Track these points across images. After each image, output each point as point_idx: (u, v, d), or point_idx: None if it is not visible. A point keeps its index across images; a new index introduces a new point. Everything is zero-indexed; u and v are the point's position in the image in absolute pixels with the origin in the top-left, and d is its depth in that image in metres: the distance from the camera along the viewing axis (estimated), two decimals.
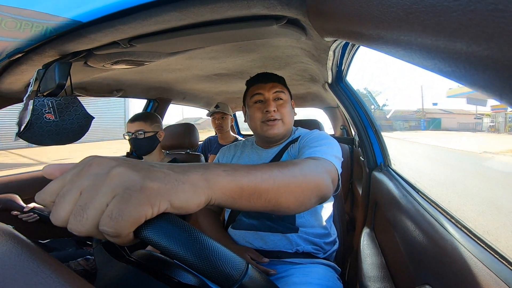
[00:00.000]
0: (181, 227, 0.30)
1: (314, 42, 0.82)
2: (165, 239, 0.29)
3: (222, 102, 2.29)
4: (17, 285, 0.22)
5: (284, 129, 0.97)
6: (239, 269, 0.31)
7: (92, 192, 0.28)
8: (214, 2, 0.51)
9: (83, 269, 1.14)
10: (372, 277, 0.77)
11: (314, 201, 0.56)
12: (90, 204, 0.28)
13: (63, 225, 0.29)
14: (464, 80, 0.19)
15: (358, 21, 0.32)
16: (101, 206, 0.28)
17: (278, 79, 1.01)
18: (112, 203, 0.27)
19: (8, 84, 0.88)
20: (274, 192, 0.44)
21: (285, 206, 0.47)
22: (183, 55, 0.95)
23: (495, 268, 0.42)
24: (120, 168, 0.30)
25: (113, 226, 0.27)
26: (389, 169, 1.14)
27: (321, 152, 0.77)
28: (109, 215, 0.27)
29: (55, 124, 0.75)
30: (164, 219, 0.30)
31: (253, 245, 0.93)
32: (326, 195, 0.60)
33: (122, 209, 0.27)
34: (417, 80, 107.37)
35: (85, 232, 0.28)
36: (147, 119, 1.43)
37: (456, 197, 3.77)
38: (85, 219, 0.27)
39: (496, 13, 0.15)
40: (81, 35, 0.60)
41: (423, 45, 0.22)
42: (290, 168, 0.52)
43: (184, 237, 0.30)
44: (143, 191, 0.28)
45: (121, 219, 0.27)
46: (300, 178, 0.52)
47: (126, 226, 0.27)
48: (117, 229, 0.27)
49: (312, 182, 0.55)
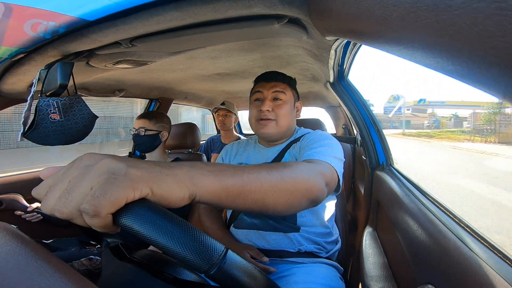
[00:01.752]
0: (157, 212, 0.31)
1: (315, 41, 0.81)
2: (141, 225, 0.29)
3: (229, 101, 2.29)
4: (21, 284, 0.22)
5: (277, 130, 0.96)
6: (217, 252, 0.31)
7: (79, 178, 0.30)
8: (215, 2, 0.51)
9: (86, 269, 1.15)
10: (375, 277, 0.77)
11: (304, 204, 0.56)
12: (75, 188, 0.30)
13: (50, 211, 0.30)
14: (467, 78, 0.19)
15: (360, 20, 0.31)
16: (85, 189, 0.29)
17: (283, 79, 1.00)
18: (97, 185, 0.29)
19: (10, 84, 0.88)
20: (260, 193, 0.45)
21: (273, 207, 0.48)
22: (184, 54, 0.95)
23: (498, 268, 0.41)
24: (107, 159, 0.32)
25: (94, 204, 0.28)
26: (391, 168, 1.13)
27: (320, 154, 0.77)
28: (92, 194, 0.28)
29: (61, 124, 0.75)
30: (140, 204, 0.30)
31: (256, 244, 0.93)
32: (318, 198, 0.60)
33: (105, 190, 0.28)
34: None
35: (67, 213, 0.29)
36: (152, 118, 1.44)
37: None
38: (69, 201, 0.29)
39: (499, 11, 0.15)
40: (83, 35, 0.60)
41: (425, 44, 0.22)
42: (280, 170, 0.52)
43: (160, 222, 0.30)
44: (127, 176, 0.30)
45: (102, 198, 0.28)
46: (289, 180, 0.52)
47: (106, 205, 0.28)
48: (97, 207, 0.28)
49: (302, 185, 0.55)
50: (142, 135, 1.41)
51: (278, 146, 1.01)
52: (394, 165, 1.17)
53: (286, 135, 1.02)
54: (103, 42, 0.66)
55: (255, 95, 0.99)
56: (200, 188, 0.36)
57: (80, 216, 0.29)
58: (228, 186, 0.39)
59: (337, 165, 0.76)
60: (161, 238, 0.29)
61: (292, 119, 1.01)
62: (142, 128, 1.41)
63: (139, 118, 1.46)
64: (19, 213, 1.29)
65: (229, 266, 0.31)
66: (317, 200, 0.60)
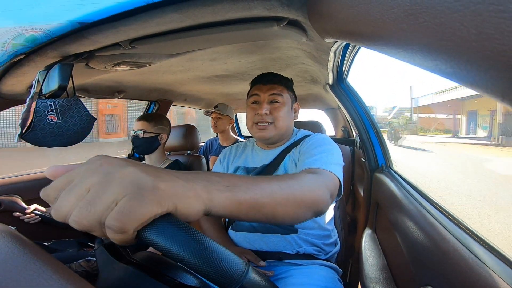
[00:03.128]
0: (182, 228, 0.30)
1: (314, 43, 0.82)
2: (166, 240, 0.29)
3: (223, 103, 2.29)
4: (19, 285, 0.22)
5: (275, 133, 0.96)
6: (240, 270, 0.31)
7: (102, 188, 0.28)
8: (215, 4, 0.51)
9: (84, 270, 1.14)
10: (374, 278, 0.77)
11: (309, 216, 0.57)
12: (98, 199, 0.28)
13: (63, 219, 0.28)
14: (466, 81, 0.19)
15: (359, 22, 0.32)
16: (109, 202, 0.28)
17: (280, 81, 0.99)
18: (123, 200, 0.28)
19: (10, 85, 0.88)
20: (271, 207, 0.45)
21: (281, 219, 0.48)
22: (184, 56, 0.95)
23: (497, 269, 0.41)
24: (131, 168, 0.30)
25: (121, 220, 0.27)
26: (390, 170, 1.13)
27: (321, 162, 0.76)
28: (118, 211, 0.27)
29: (58, 125, 0.75)
30: (165, 220, 0.30)
31: (254, 246, 0.93)
32: (322, 210, 0.60)
33: (133, 206, 0.27)
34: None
35: (88, 226, 0.28)
36: (151, 120, 1.44)
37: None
38: (91, 213, 0.27)
39: (497, 13, 0.15)
40: (83, 37, 0.60)
41: (424, 46, 0.22)
42: (289, 184, 0.53)
43: (185, 238, 0.30)
44: (154, 191, 0.29)
45: (130, 215, 0.27)
46: (298, 195, 0.52)
47: (134, 223, 0.27)
48: (125, 224, 0.27)
49: (309, 198, 0.56)
50: (141, 137, 1.41)
51: (276, 148, 1.01)
52: (393, 167, 1.17)
53: (285, 137, 1.01)
54: (102, 43, 0.66)
55: (252, 98, 0.99)
56: (216, 203, 0.36)
57: (101, 229, 0.28)
58: (242, 202, 0.40)
59: (339, 173, 0.76)
60: (185, 254, 0.29)
61: (290, 121, 1.01)
62: (141, 130, 1.41)
63: (138, 120, 1.45)
64: (17, 214, 1.29)
65: (250, 283, 0.32)
66: (322, 212, 0.60)
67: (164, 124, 1.49)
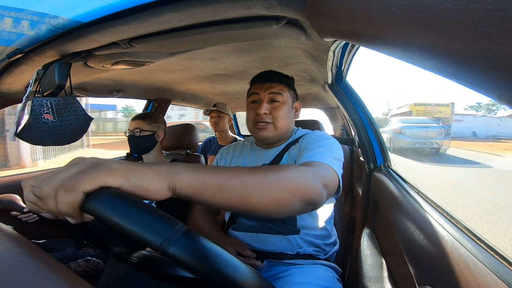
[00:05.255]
0: (122, 198, 0.32)
1: (314, 43, 0.82)
2: (103, 208, 0.31)
3: (222, 102, 2.29)
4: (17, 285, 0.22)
5: (275, 133, 0.94)
6: (175, 228, 0.31)
7: (66, 168, 0.35)
8: (214, 3, 0.51)
9: (83, 270, 1.14)
10: (373, 278, 0.77)
11: (298, 205, 0.55)
12: (61, 172, 0.34)
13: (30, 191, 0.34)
14: (463, 80, 0.19)
15: (357, 21, 0.32)
16: (70, 172, 0.34)
17: (280, 79, 0.97)
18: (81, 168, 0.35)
19: (8, 84, 0.88)
20: (241, 190, 0.46)
21: (259, 206, 0.49)
22: (182, 55, 0.95)
23: (495, 269, 0.42)
24: (93, 158, 0.37)
25: (74, 179, 0.33)
26: (389, 169, 1.14)
27: (319, 155, 0.75)
28: (75, 172, 0.34)
29: (53, 124, 0.75)
30: (106, 191, 0.33)
31: (254, 246, 0.93)
32: (315, 200, 0.58)
33: (87, 171, 0.34)
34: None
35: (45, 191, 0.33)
36: (146, 118, 1.43)
37: None
38: (52, 181, 0.33)
39: (495, 13, 0.15)
40: (81, 36, 0.60)
41: (422, 46, 0.22)
42: (266, 171, 0.53)
43: (121, 204, 0.32)
44: (107, 165, 0.35)
45: (82, 175, 0.33)
46: (275, 180, 0.52)
47: (84, 182, 0.32)
48: (76, 182, 0.32)
49: (291, 185, 0.54)
50: (137, 135, 1.40)
51: (276, 148, 0.99)
52: (392, 167, 1.17)
53: (285, 137, 0.99)
54: (101, 42, 0.66)
55: (252, 97, 0.97)
56: (179, 181, 0.39)
57: (53, 198, 0.32)
58: (206, 180, 0.42)
59: (337, 167, 0.74)
60: (119, 218, 0.30)
61: (291, 120, 0.99)
62: (137, 129, 1.40)
63: (133, 119, 1.44)
64: (15, 213, 1.28)
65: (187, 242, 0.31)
66: (315, 202, 0.59)
67: (159, 122, 1.48)
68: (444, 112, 23.03)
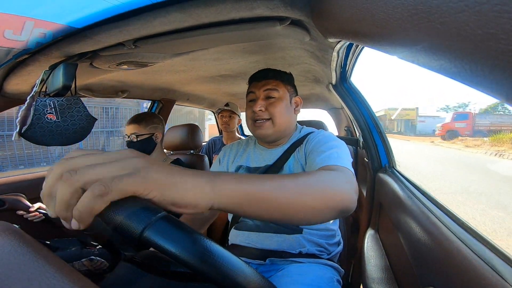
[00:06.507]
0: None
1: (318, 43, 0.81)
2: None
3: (233, 102, 2.29)
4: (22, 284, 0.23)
5: (274, 130, 0.93)
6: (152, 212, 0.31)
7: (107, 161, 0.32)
8: (218, 4, 0.51)
9: (87, 270, 1.15)
10: (376, 279, 0.77)
11: (335, 215, 0.53)
12: (99, 166, 0.31)
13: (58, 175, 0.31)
14: (470, 81, 0.19)
15: (362, 22, 0.31)
16: (107, 171, 0.31)
17: (274, 76, 0.96)
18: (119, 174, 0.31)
19: (14, 85, 0.89)
20: (284, 201, 0.43)
21: (300, 217, 0.47)
22: (187, 56, 0.95)
23: (501, 270, 0.41)
24: (140, 159, 0.34)
25: (110, 185, 0.29)
26: (394, 170, 1.13)
27: (334, 158, 0.73)
28: (111, 177, 0.30)
29: (57, 124, 0.75)
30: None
31: (257, 245, 0.93)
32: (348, 208, 0.56)
33: (123, 179, 0.30)
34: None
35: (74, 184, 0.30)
36: (142, 121, 1.38)
37: None
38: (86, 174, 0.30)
39: (502, 13, 0.15)
40: (87, 37, 0.60)
41: (428, 46, 0.22)
42: (305, 178, 0.50)
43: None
44: (145, 173, 0.32)
45: (119, 183, 0.30)
46: (318, 191, 0.50)
47: (117, 190, 0.30)
48: (110, 188, 0.29)
49: (333, 196, 0.52)
50: (135, 141, 1.35)
51: (280, 147, 0.99)
52: (397, 168, 1.16)
53: (286, 134, 0.98)
54: (106, 43, 0.66)
55: (249, 96, 0.98)
56: (221, 195, 0.36)
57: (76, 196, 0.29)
58: (249, 193, 0.39)
59: (352, 169, 0.72)
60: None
61: (290, 115, 0.97)
62: (133, 134, 1.35)
63: (128, 123, 1.38)
64: (21, 213, 1.30)
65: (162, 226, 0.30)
66: (348, 210, 0.56)
67: (156, 122, 1.43)
68: (411, 114, 30.62)
